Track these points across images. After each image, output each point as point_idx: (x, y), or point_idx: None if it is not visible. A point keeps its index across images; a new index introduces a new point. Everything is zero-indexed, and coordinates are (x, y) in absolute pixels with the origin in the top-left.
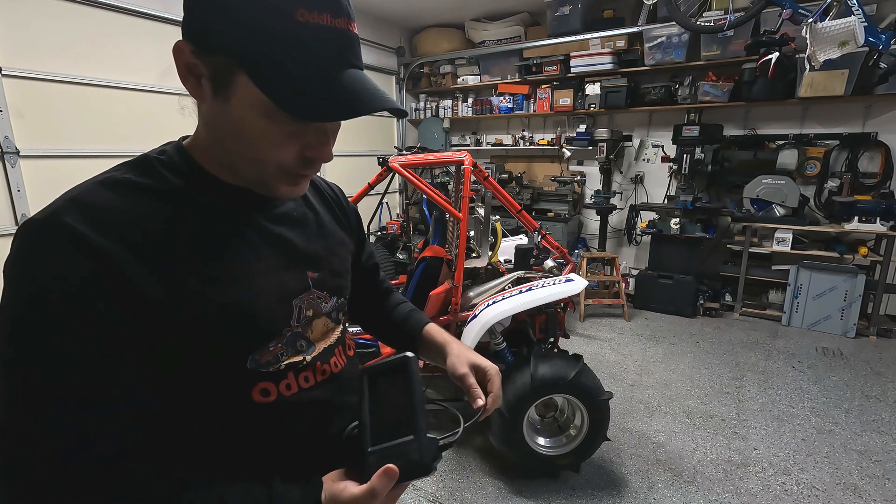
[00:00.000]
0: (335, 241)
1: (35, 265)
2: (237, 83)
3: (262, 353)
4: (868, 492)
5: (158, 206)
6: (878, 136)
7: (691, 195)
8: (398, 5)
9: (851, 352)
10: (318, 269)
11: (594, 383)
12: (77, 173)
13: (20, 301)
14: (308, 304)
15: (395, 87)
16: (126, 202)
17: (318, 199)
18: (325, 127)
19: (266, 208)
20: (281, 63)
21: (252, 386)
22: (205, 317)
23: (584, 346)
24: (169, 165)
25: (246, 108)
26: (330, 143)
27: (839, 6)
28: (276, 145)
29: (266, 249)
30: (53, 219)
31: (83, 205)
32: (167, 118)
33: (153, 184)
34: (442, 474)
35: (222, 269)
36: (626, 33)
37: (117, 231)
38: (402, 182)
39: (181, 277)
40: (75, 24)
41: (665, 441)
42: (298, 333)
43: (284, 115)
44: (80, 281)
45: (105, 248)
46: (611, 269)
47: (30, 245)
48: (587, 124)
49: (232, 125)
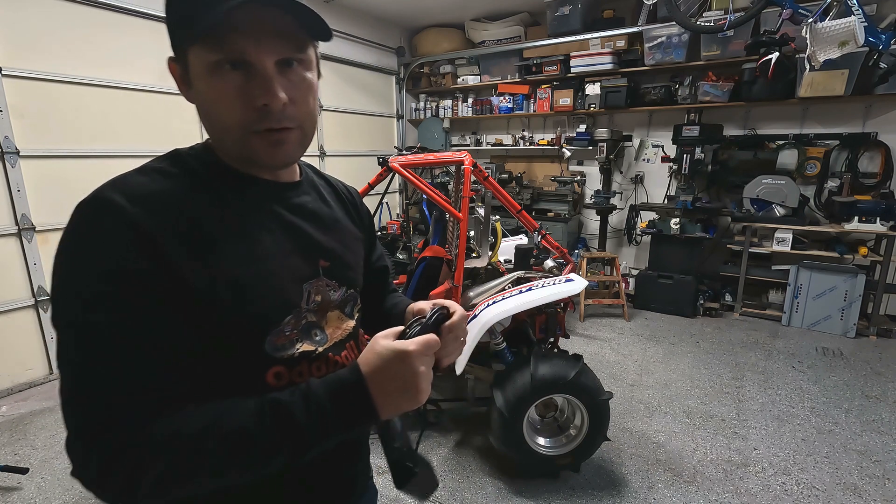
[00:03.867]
0: (348, 236)
1: (89, 234)
2: (190, 61)
3: (278, 336)
4: (868, 492)
5: (184, 190)
6: (878, 136)
7: (691, 195)
8: (398, 5)
9: (851, 352)
10: (329, 259)
11: (594, 383)
12: (77, 173)
13: (83, 269)
14: (317, 290)
15: (395, 87)
16: (157, 185)
17: (333, 196)
18: (265, 72)
19: (282, 199)
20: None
21: (267, 369)
22: (222, 288)
23: (584, 346)
24: (195, 158)
25: (200, 78)
26: (274, 86)
27: (839, 6)
28: (229, 103)
29: (281, 235)
30: (98, 194)
31: (122, 185)
32: (167, 118)
33: (180, 172)
34: (442, 474)
35: (240, 247)
36: (626, 33)
37: (150, 207)
38: (402, 182)
39: (203, 251)
40: (75, 24)
41: (665, 441)
42: (314, 322)
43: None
44: (126, 247)
45: (141, 219)
46: (611, 269)
47: (82, 217)
48: (587, 124)
49: (200, 104)
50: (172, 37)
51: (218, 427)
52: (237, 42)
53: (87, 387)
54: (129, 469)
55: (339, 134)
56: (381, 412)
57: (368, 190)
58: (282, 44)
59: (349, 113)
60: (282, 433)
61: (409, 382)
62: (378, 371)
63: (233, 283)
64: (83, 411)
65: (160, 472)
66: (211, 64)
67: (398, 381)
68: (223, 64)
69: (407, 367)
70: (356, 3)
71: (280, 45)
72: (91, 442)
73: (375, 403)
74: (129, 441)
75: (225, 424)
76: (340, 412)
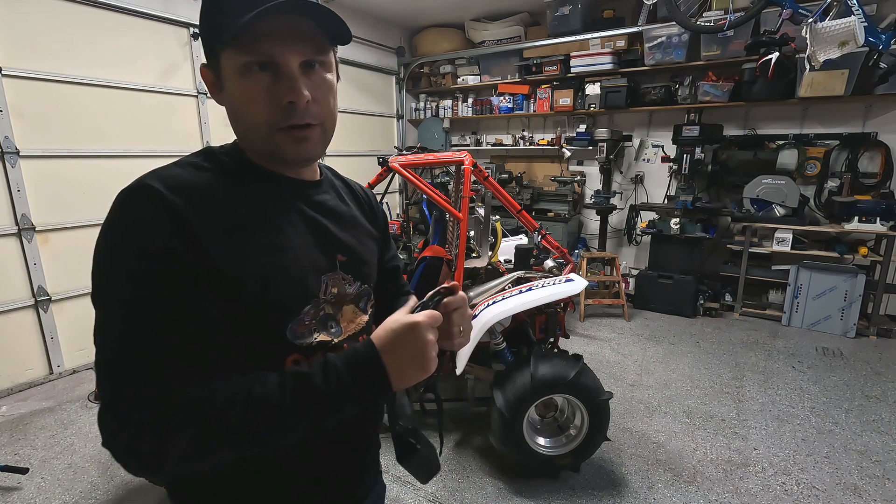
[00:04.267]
0: (364, 233)
1: (130, 216)
2: (222, 65)
3: (298, 324)
4: (868, 492)
5: (216, 183)
6: (878, 136)
7: (691, 195)
8: (398, 5)
9: (851, 352)
10: (346, 254)
11: (594, 383)
12: (77, 173)
13: (125, 248)
14: (334, 283)
15: (395, 87)
16: (192, 177)
17: (350, 197)
18: (291, 72)
19: (304, 196)
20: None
21: (286, 355)
22: (249, 276)
23: (584, 346)
24: (226, 154)
25: (231, 80)
26: (298, 85)
27: (839, 6)
28: (258, 102)
29: (303, 228)
30: (139, 181)
31: (161, 175)
32: (167, 118)
33: (213, 166)
34: (442, 474)
35: (266, 238)
36: (626, 33)
37: (186, 195)
38: (402, 182)
39: (233, 239)
40: (75, 24)
41: (665, 441)
42: (330, 315)
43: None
44: (165, 230)
45: (178, 205)
46: (611, 269)
47: (124, 201)
48: (587, 124)
49: (231, 104)
50: (205, 43)
51: (242, 398)
52: (264, 45)
53: (118, 360)
54: (157, 439)
55: (339, 134)
56: (394, 383)
57: None
58: (304, 46)
59: (349, 113)
60: (303, 401)
61: (420, 351)
62: (391, 343)
63: (259, 271)
64: (113, 384)
65: (187, 442)
66: (241, 66)
67: (409, 350)
68: (252, 66)
69: (417, 337)
70: (356, 3)
71: (303, 48)
72: (120, 413)
73: (389, 374)
74: (157, 413)
75: (249, 395)
76: (357, 382)
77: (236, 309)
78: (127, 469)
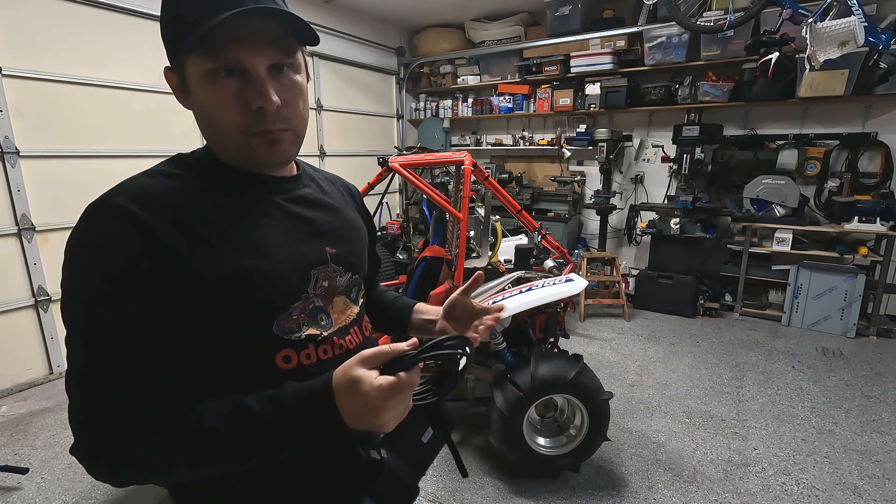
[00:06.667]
0: (351, 224)
1: (94, 237)
2: (187, 71)
3: (286, 319)
4: (868, 492)
5: (189, 188)
6: (878, 136)
7: (691, 195)
8: (398, 5)
9: (851, 352)
10: (335, 246)
11: (594, 383)
12: (77, 173)
13: (88, 270)
14: (325, 276)
15: (395, 86)
16: (161, 186)
17: (332, 188)
18: (259, 77)
19: (284, 191)
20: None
21: (276, 352)
22: (232, 280)
23: (584, 346)
24: (198, 159)
25: (198, 86)
26: (267, 90)
27: (839, 6)
28: (227, 108)
29: (286, 224)
30: (106, 199)
31: (129, 188)
32: (166, 118)
33: (184, 173)
34: (442, 474)
35: (246, 238)
36: (626, 33)
37: (155, 207)
38: (402, 182)
39: (211, 243)
40: (75, 23)
41: (665, 441)
42: (320, 307)
43: (220, 70)
44: (131, 249)
45: (146, 219)
46: (611, 269)
47: (88, 221)
48: (587, 124)
49: (199, 111)
50: (168, 48)
51: (196, 425)
52: (230, 50)
53: (83, 378)
54: (112, 454)
55: (339, 134)
56: (349, 423)
57: (368, 190)
58: (271, 49)
59: (349, 113)
60: (246, 440)
61: (370, 415)
62: (343, 392)
63: (241, 272)
64: (79, 399)
65: (138, 459)
66: (207, 72)
67: (358, 408)
68: (219, 71)
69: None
70: (356, 3)
71: (270, 51)
72: (83, 426)
73: (343, 416)
74: (114, 429)
75: (201, 424)
76: (307, 422)
77: (222, 312)
78: (90, 475)
